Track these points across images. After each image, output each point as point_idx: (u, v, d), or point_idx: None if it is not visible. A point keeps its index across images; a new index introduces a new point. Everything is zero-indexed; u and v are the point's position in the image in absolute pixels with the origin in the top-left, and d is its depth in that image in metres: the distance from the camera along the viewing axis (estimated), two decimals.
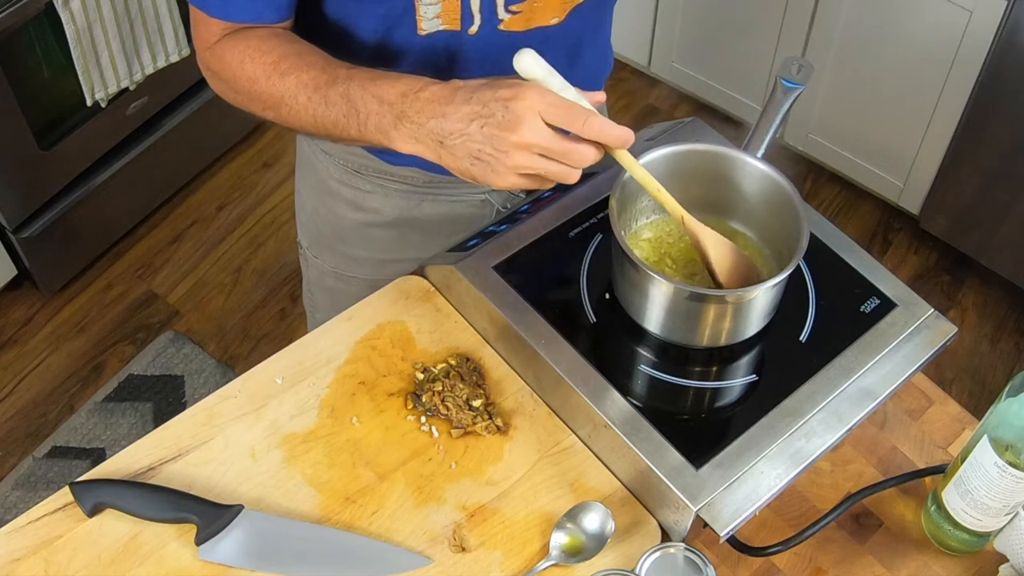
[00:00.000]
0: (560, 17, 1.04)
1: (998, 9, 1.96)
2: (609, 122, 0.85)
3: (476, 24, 1.00)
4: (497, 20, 1.00)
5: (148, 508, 0.92)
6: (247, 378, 1.03)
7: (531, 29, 1.03)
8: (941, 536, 0.98)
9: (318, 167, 1.23)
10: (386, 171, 1.18)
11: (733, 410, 0.98)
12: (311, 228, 1.31)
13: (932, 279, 2.44)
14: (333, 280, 1.31)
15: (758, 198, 1.02)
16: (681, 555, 0.90)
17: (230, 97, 1.03)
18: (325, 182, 1.23)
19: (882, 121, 2.33)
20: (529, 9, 1.01)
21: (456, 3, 0.97)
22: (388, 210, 1.21)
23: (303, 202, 1.31)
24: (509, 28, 1.02)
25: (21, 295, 2.36)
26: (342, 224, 1.25)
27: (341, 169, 1.21)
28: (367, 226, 1.24)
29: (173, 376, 2.24)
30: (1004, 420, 0.88)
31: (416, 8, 0.97)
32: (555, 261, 1.06)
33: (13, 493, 2.05)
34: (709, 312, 0.95)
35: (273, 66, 0.96)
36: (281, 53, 0.96)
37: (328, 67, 0.95)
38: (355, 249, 1.27)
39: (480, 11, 0.99)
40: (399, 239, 1.23)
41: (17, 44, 1.96)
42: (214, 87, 1.04)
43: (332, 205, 1.24)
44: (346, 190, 1.22)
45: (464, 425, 1.00)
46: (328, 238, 1.29)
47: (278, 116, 0.99)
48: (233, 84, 1.00)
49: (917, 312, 1.02)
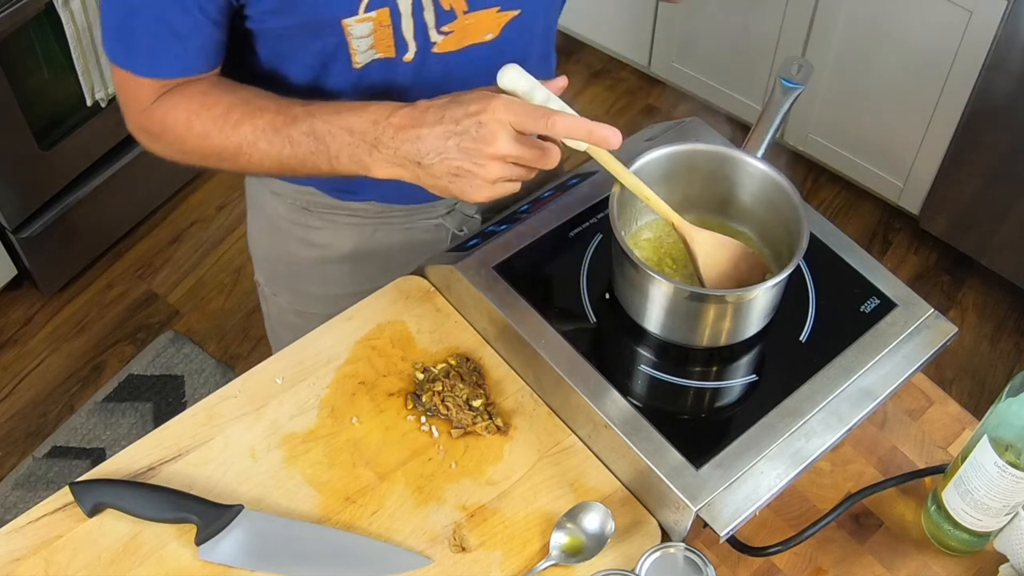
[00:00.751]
0: (495, 32, 1.02)
1: (998, 9, 1.96)
2: (575, 119, 0.85)
3: (411, 51, 0.99)
4: (431, 44, 0.99)
5: (148, 508, 0.92)
6: (247, 378, 1.03)
7: (465, 48, 1.02)
8: (941, 536, 0.98)
9: (267, 207, 1.22)
10: (336, 206, 1.17)
11: (733, 410, 0.98)
12: (266, 267, 1.30)
13: (932, 279, 2.44)
14: (294, 317, 1.29)
15: (758, 198, 1.02)
16: (681, 555, 0.90)
17: (174, 156, 1.01)
18: (275, 222, 1.22)
19: (882, 121, 2.33)
20: (461, 28, 0.99)
21: (388, 32, 0.96)
22: (341, 244, 1.20)
23: (256, 242, 1.30)
24: (443, 50, 1.01)
25: (21, 295, 2.36)
26: (296, 262, 1.24)
27: (290, 208, 1.19)
28: (321, 262, 1.22)
29: (173, 376, 2.24)
30: (1004, 420, 0.88)
31: (349, 43, 0.96)
32: (555, 261, 1.06)
33: (13, 493, 2.05)
34: (709, 312, 0.95)
35: (223, 118, 0.95)
36: (228, 103, 0.96)
37: (282, 108, 0.94)
38: (312, 286, 1.25)
39: (414, 37, 0.98)
40: (355, 273, 1.22)
41: (17, 44, 1.96)
42: (151, 148, 1.02)
43: (285, 244, 1.23)
44: (297, 228, 1.20)
45: (464, 425, 1.00)
46: (284, 276, 1.28)
47: (236, 165, 0.98)
48: (180, 144, 0.98)
49: (917, 312, 1.02)
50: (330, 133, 0.92)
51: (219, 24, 0.95)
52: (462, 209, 1.19)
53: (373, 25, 0.95)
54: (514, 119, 0.85)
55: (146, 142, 1.02)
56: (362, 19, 0.94)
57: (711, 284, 0.98)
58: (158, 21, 0.92)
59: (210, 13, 0.93)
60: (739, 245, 0.99)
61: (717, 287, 0.98)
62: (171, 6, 0.91)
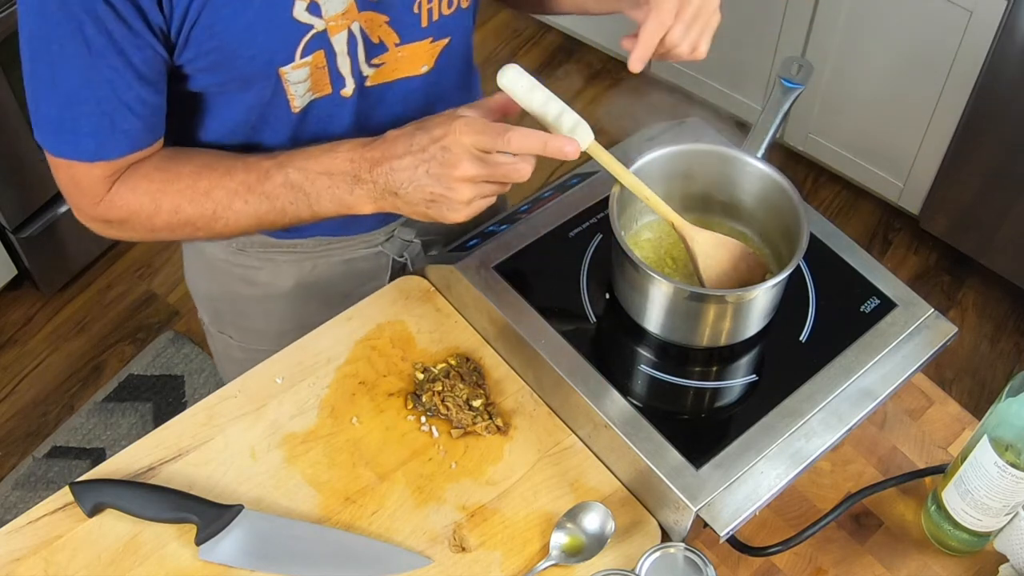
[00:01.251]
0: (430, 64, 1.02)
1: (998, 9, 1.96)
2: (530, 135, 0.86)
3: (349, 87, 0.98)
4: (364, 78, 0.99)
5: (148, 508, 0.92)
6: (247, 378, 1.03)
7: (400, 80, 1.01)
8: (941, 536, 0.98)
9: (204, 249, 1.20)
10: (272, 244, 1.14)
11: (733, 410, 0.98)
12: (209, 306, 1.29)
13: (932, 279, 2.44)
14: (240, 353, 1.28)
15: (758, 198, 1.02)
16: (681, 555, 0.90)
17: (142, 237, 1.00)
18: (213, 263, 1.20)
19: (882, 121, 2.32)
20: (393, 60, 0.99)
21: (324, 72, 0.95)
22: (282, 282, 1.18)
23: (195, 285, 1.28)
24: (375, 83, 1.00)
25: (21, 295, 2.36)
26: (239, 301, 1.23)
27: (225, 250, 1.17)
28: (264, 299, 1.21)
29: (173, 376, 2.24)
30: (1004, 420, 0.88)
31: (287, 89, 0.95)
32: (555, 261, 1.06)
33: (13, 493, 2.05)
34: (709, 312, 0.95)
35: (191, 188, 0.94)
36: (191, 173, 0.95)
37: (250, 165, 0.94)
38: (256, 323, 1.24)
39: (351, 73, 0.97)
40: (298, 308, 1.20)
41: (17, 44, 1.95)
42: (111, 235, 1.00)
43: (225, 283, 1.22)
44: (236, 268, 1.18)
45: (464, 425, 1.00)
46: (228, 314, 1.26)
47: (211, 232, 0.97)
48: (149, 224, 0.96)
49: (917, 312, 1.02)
50: (307, 180, 0.92)
51: (160, 91, 0.92)
52: (400, 235, 1.18)
53: (310, 69, 0.94)
54: (474, 139, 0.86)
55: (105, 231, 0.99)
56: (298, 65, 0.93)
57: (711, 284, 0.98)
58: (100, 103, 0.89)
59: (150, 81, 0.90)
60: (739, 245, 0.99)
61: (717, 287, 0.98)
62: (111, 85, 0.88)
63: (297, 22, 0.90)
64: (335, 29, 0.92)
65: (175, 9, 0.85)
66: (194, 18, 0.86)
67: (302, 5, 0.89)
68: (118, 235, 1.00)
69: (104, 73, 0.87)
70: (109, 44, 0.85)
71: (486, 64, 2.86)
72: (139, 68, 0.88)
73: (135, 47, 0.86)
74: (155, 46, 0.87)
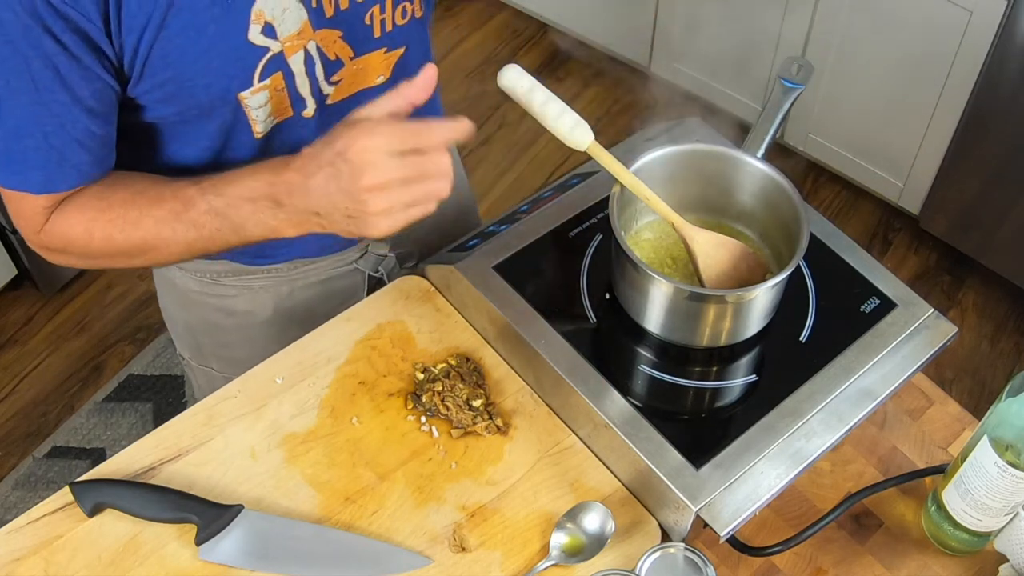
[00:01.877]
0: (386, 75, 1.01)
1: (998, 9, 1.96)
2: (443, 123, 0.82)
3: (310, 107, 0.98)
4: (324, 96, 0.98)
5: (148, 508, 0.92)
6: (247, 378, 1.03)
7: (357, 93, 1.00)
8: (941, 536, 0.98)
9: (177, 282, 1.18)
10: (247, 271, 1.14)
11: (733, 410, 0.98)
12: (189, 341, 1.27)
13: (932, 279, 2.44)
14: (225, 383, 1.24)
15: (758, 198, 1.02)
16: (681, 555, 0.90)
17: (84, 264, 0.98)
18: (188, 296, 1.19)
19: (882, 121, 2.33)
20: (350, 75, 0.98)
21: (284, 95, 0.94)
22: (260, 309, 1.17)
23: (172, 319, 1.26)
24: (336, 99, 0.99)
25: (21, 295, 2.36)
26: (220, 332, 1.21)
27: (200, 282, 1.16)
28: (244, 328, 1.19)
29: (173, 376, 2.24)
30: (1004, 420, 0.88)
31: (248, 114, 0.94)
32: (555, 261, 1.06)
33: (13, 493, 2.05)
34: (709, 312, 0.95)
35: (122, 218, 0.92)
36: (122, 201, 0.92)
37: (177, 192, 0.91)
38: (238, 352, 1.21)
39: (311, 93, 0.97)
40: (279, 334, 1.17)
41: None
42: (57, 261, 0.98)
43: (203, 314, 1.20)
44: (212, 299, 1.17)
45: (464, 425, 1.00)
46: (210, 346, 1.25)
47: (145, 260, 0.95)
48: (86, 253, 0.95)
49: (917, 312, 1.02)
50: (229, 206, 0.89)
51: (110, 122, 0.91)
52: (374, 250, 1.17)
53: (269, 92, 0.93)
54: (382, 143, 0.81)
55: (50, 257, 0.98)
56: (257, 89, 0.92)
57: (711, 284, 0.98)
58: (47, 138, 0.87)
59: (99, 114, 0.88)
60: (739, 245, 0.99)
61: (717, 287, 0.98)
62: (59, 120, 0.86)
63: (252, 45, 0.88)
64: (291, 50, 0.91)
65: (126, 42, 0.83)
66: (147, 50, 0.84)
67: (256, 28, 0.87)
68: (63, 262, 0.98)
69: (52, 108, 0.85)
70: (56, 80, 0.83)
71: (486, 64, 2.87)
72: (88, 102, 0.86)
73: (84, 80, 0.84)
74: (105, 78, 0.86)
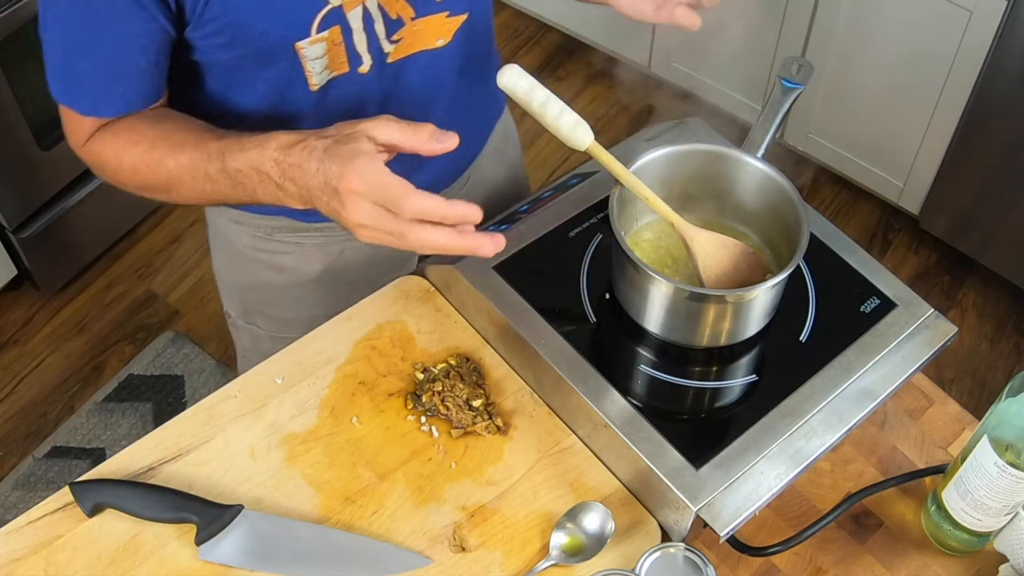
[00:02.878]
0: (446, 38, 1.02)
1: (998, 9, 1.96)
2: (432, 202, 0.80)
3: (367, 63, 0.98)
4: (384, 55, 0.99)
5: (148, 508, 0.92)
6: (247, 378, 1.03)
7: (416, 54, 1.01)
8: (941, 536, 0.98)
9: (231, 237, 1.20)
10: (300, 228, 1.15)
11: (733, 410, 0.98)
12: (236, 298, 1.29)
13: (932, 279, 2.44)
14: (269, 344, 1.26)
15: (758, 198, 1.02)
16: (681, 555, 0.90)
17: (118, 185, 1.00)
18: (240, 251, 1.20)
19: (882, 121, 2.32)
20: (410, 34, 0.99)
21: (341, 49, 0.95)
22: (310, 267, 1.19)
23: (223, 275, 1.28)
24: (396, 58, 1.00)
25: (21, 295, 2.36)
26: (269, 289, 1.23)
27: (253, 237, 1.17)
28: (293, 286, 1.21)
29: (173, 376, 2.24)
30: (1004, 420, 0.88)
31: (304, 65, 0.95)
32: (555, 261, 1.06)
33: (13, 493, 2.05)
34: (709, 312, 0.95)
35: (148, 154, 0.94)
36: (151, 139, 0.94)
37: (200, 143, 0.92)
38: (286, 311, 1.24)
39: (368, 50, 0.97)
40: (327, 294, 1.20)
41: (17, 44, 1.96)
42: (102, 177, 1.01)
43: (253, 272, 1.22)
44: (264, 255, 1.19)
45: (464, 425, 1.00)
46: (256, 304, 1.26)
47: (170, 198, 0.97)
48: (117, 176, 0.98)
49: (917, 312, 1.02)
50: (240, 172, 0.89)
51: (161, 63, 0.93)
52: None
53: (327, 45, 0.94)
54: (368, 192, 0.81)
55: (95, 172, 1.01)
56: (315, 40, 0.93)
57: (711, 284, 0.98)
58: (100, 63, 0.91)
59: (151, 54, 0.91)
60: (739, 245, 0.99)
61: (717, 287, 0.98)
62: (112, 49, 0.90)
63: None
64: (350, 5, 0.93)
65: None
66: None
67: None
68: (104, 178, 1.01)
69: (106, 41, 0.89)
70: (114, 14, 0.87)
71: None
72: (141, 40, 0.89)
73: (140, 20, 0.87)
74: (161, 21, 0.88)
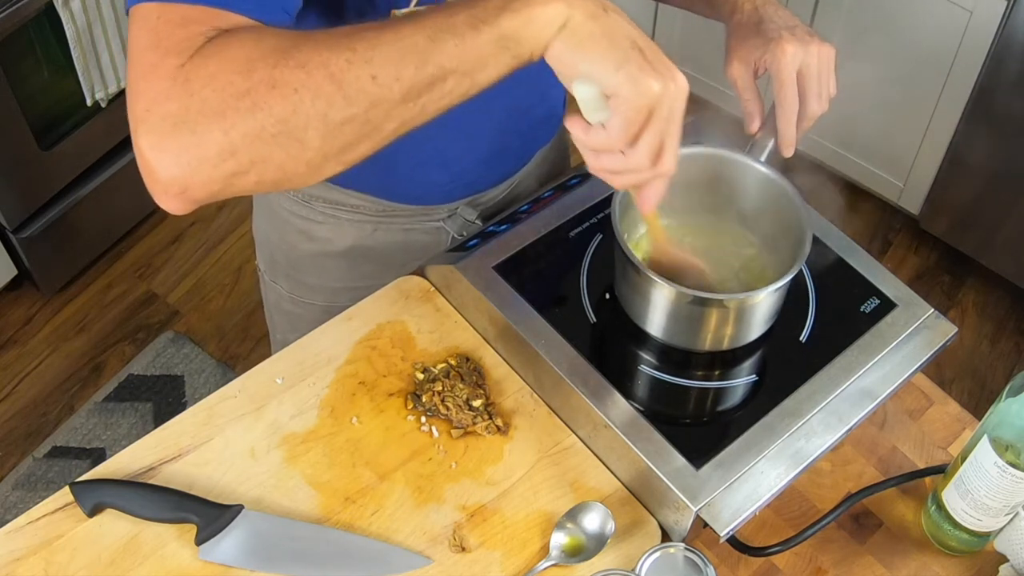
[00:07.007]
0: None
1: (998, 9, 1.96)
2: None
3: None
4: None
5: (148, 508, 0.92)
6: (247, 378, 1.03)
7: None
8: (941, 536, 0.98)
9: (270, 196, 1.21)
10: (337, 201, 1.16)
11: (733, 410, 0.98)
12: (267, 254, 1.30)
13: (932, 279, 2.44)
14: (290, 305, 1.29)
15: (760, 201, 1.02)
16: (681, 555, 0.90)
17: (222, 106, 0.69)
18: (277, 211, 1.22)
19: (882, 121, 2.32)
20: None
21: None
22: (340, 240, 1.20)
23: (259, 228, 1.30)
24: None
25: (21, 295, 2.36)
26: (295, 253, 1.24)
27: (291, 200, 1.19)
28: (320, 256, 1.22)
29: (173, 376, 2.24)
30: (1004, 420, 0.88)
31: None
32: (555, 261, 1.06)
33: (13, 493, 2.05)
34: (711, 317, 0.95)
35: (311, 36, 0.70)
36: (294, 32, 0.71)
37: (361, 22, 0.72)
38: (309, 277, 1.25)
39: None
40: (352, 268, 1.22)
41: (17, 44, 1.96)
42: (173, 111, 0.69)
43: (285, 234, 1.23)
44: (297, 220, 1.20)
45: (464, 425, 1.00)
46: (282, 265, 1.28)
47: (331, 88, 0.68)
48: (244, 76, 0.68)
49: (917, 312, 1.02)
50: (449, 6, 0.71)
51: None
52: (463, 214, 1.19)
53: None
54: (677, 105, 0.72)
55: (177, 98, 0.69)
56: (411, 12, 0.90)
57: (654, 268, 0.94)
58: None
59: None
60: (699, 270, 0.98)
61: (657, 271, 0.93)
62: None
63: None
64: None
65: None
66: None
67: None
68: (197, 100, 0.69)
69: None
70: None
71: None
72: None
73: None
74: None
